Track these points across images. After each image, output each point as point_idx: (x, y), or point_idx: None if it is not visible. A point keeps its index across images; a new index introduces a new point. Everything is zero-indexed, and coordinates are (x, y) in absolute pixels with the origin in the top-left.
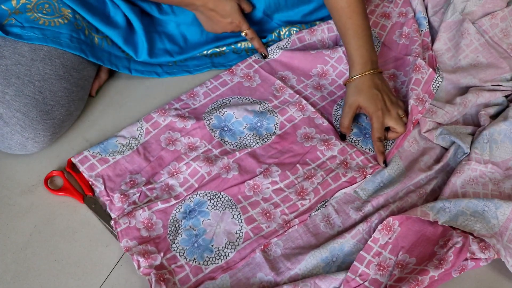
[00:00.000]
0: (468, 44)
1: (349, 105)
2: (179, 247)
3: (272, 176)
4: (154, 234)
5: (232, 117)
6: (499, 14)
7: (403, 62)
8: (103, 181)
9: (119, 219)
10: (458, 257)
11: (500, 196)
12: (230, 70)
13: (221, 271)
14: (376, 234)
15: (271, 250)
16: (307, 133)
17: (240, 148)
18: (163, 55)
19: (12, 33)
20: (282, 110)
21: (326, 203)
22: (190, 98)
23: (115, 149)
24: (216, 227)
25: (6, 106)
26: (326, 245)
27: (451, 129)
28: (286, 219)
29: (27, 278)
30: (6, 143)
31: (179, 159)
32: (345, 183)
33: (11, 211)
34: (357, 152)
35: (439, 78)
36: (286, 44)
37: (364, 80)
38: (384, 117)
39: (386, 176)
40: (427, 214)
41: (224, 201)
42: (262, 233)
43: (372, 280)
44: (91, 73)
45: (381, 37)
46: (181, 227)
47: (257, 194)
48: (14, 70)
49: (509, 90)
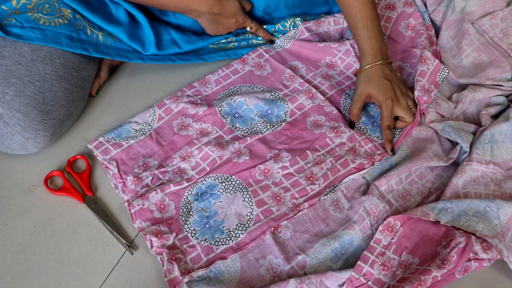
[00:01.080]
0: (469, 44)
1: (359, 93)
2: (190, 227)
3: (283, 161)
4: (167, 215)
5: (243, 104)
6: (499, 14)
7: (410, 54)
8: (117, 164)
9: (133, 201)
10: (461, 257)
11: (502, 196)
12: (241, 59)
13: (232, 251)
14: (378, 235)
15: (281, 232)
16: (316, 121)
17: (251, 134)
18: (171, 46)
19: (12, 33)
20: (292, 98)
21: (335, 188)
22: (202, 85)
23: (128, 134)
24: (227, 209)
25: (6, 107)
26: (336, 235)
27: (455, 125)
28: (296, 203)
29: (27, 278)
30: (6, 143)
31: (191, 144)
32: (354, 169)
33: (11, 211)
34: (365, 139)
35: (446, 69)
36: (294, 34)
37: (374, 70)
38: (394, 106)
39: (393, 163)
40: (428, 214)
41: (235, 184)
42: (272, 216)
43: (376, 280)
44: (91, 73)
45: (386, 29)
46: (193, 209)
47: (268, 178)
48: (14, 70)
49: (509, 90)
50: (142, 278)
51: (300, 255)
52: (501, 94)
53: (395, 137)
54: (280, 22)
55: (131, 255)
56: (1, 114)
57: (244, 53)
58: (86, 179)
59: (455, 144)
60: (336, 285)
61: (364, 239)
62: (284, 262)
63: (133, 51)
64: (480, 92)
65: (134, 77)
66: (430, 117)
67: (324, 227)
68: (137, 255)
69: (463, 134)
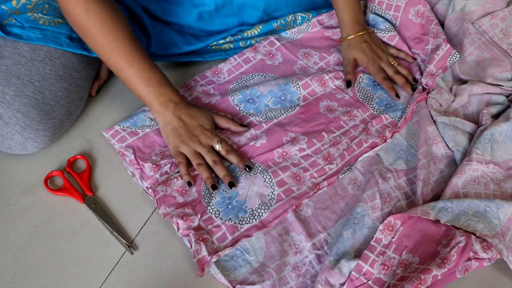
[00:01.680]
0: (471, 43)
1: (347, 59)
2: (214, 209)
3: (300, 144)
4: (190, 199)
5: (257, 91)
6: (499, 14)
7: (421, 40)
8: (133, 151)
9: (156, 187)
10: (461, 257)
11: (502, 196)
12: (253, 47)
13: (256, 229)
14: (378, 234)
15: (302, 210)
16: (329, 106)
17: (266, 120)
18: (170, 47)
19: (12, 33)
20: (305, 84)
21: (352, 167)
22: (214, 75)
23: (144, 123)
24: (249, 190)
25: (6, 106)
26: (352, 211)
27: (449, 121)
28: (315, 182)
29: (27, 278)
30: (6, 143)
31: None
32: (367, 148)
33: (11, 211)
34: (376, 119)
35: (457, 54)
36: (307, 28)
37: (355, 38)
38: (378, 62)
39: (405, 145)
40: (428, 213)
41: (255, 167)
42: (293, 195)
43: (376, 279)
44: (91, 73)
45: (396, 19)
46: (214, 191)
47: (286, 160)
48: (14, 70)
49: (509, 90)
50: (142, 278)
51: (322, 233)
52: (501, 93)
53: (405, 112)
54: (282, 18)
55: (131, 255)
56: (1, 114)
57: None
58: (86, 179)
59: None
60: (338, 284)
61: (373, 221)
62: (307, 238)
63: None
64: (479, 86)
65: None
66: (430, 102)
67: (344, 205)
68: (137, 255)
69: (452, 133)
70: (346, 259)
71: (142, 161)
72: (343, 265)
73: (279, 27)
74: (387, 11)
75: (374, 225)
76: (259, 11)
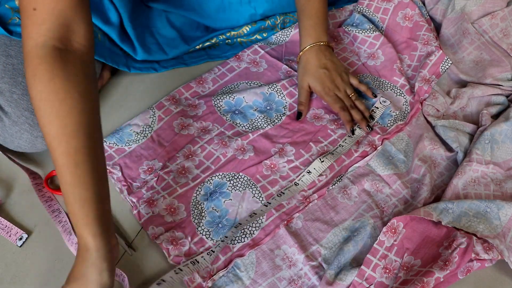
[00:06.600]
0: (470, 43)
1: (301, 86)
2: (204, 229)
3: (287, 155)
4: (178, 218)
5: (242, 101)
6: (499, 14)
7: (408, 45)
8: (120, 168)
9: (141, 208)
10: (463, 258)
11: (502, 196)
12: (236, 57)
13: (248, 248)
14: (381, 236)
15: (292, 222)
16: (316, 114)
17: (252, 129)
18: (157, 51)
19: (16, 32)
20: (290, 93)
21: (342, 177)
22: (199, 85)
23: (130, 138)
24: (238, 206)
25: (15, 106)
26: (347, 224)
27: (448, 124)
28: (305, 195)
29: (27, 278)
30: (16, 142)
31: (193, 142)
32: (358, 157)
33: (11, 211)
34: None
35: (449, 60)
36: (291, 30)
37: (308, 58)
38: (334, 91)
39: (393, 151)
40: (430, 214)
41: (243, 181)
42: (283, 210)
43: (378, 283)
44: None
45: (384, 21)
46: (204, 210)
47: (275, 173)
48: (21, 69)
49: (509, 90)
50: (142, 278)
51: (314, 246)
52: (501, 93)
53: (389, 127)
54: (270, 20)
55: (130, 255)
56: (9, 113)
57: (228, 54)
58: None
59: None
60: None
61: (372, 227)
62: (300, 251)
63: (121, 56)
64: (479, 89)
65: (135, 77)
66: (426, 109)
67: (334, 215)
68: (137, 255)
69: (454, 135)
70: (347, 270)
71: (129, 178)
72: (344, 275)
73: (266, 28)
74: (375, 14)
75: (375, 234)
76: (257, 16)
